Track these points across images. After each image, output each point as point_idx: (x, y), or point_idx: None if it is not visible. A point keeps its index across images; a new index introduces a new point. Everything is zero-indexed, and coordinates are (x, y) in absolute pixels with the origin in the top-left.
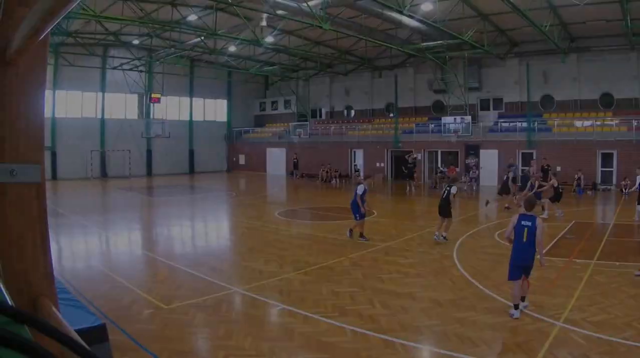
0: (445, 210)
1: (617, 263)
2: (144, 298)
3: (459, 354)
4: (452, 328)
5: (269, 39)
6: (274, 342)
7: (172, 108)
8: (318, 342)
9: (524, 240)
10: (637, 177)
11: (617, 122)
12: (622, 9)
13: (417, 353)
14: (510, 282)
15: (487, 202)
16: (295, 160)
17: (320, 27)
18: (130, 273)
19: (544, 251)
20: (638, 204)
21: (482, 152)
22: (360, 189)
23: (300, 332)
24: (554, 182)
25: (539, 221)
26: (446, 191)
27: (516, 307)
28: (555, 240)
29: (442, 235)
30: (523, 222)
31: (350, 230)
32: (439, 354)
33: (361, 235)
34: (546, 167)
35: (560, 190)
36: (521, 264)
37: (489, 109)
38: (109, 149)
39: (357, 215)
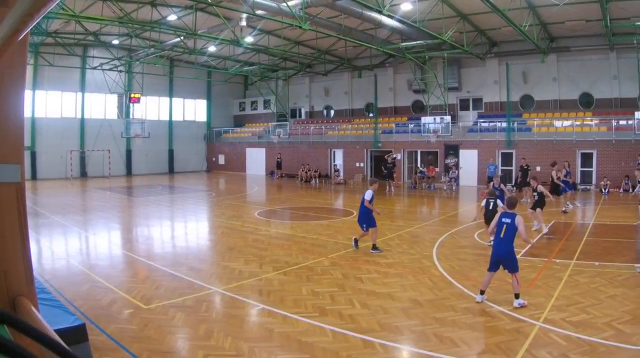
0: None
1: (597, 263)
2: (123, 298)
3: (439, 354)
4: (432, 328)
5: (249, 39)
6: (253, 342)
7: (152, 108)
8: (298, 342)
9: (502, 236)
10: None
11: (596, 122)
12: (601, 9)
13: (397, 353)
14: (487, 272)
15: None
16: (279, 159)
17: (300, 27)
18: (110, 273)
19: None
20: None
21: (461, 152)
22: (368, 195)
23: (280, 332)
24: (536, 186)
25: (518, 218)
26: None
27: (482, 292)
28: (534, 240)
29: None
30: (503, 219)
31: (356, 240)
32: (419, 354)
33: (374, 247)
34: (525, 167)
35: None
36: (496, 259)
37: (468, 109)
38: (89, 149)
39: (365, 225)
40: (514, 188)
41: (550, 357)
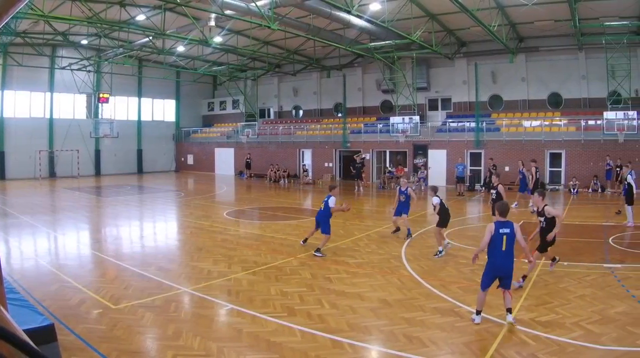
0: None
1: (565, 263)
2: (92, 298)
3: (408, 354)
4: (401, 328)
5: (217, 39)
6: (222, 342)
7: (121, 108)
8: (267, 342)
9: (503, 248)
10: (628, 176)
11: (565, 122)
12: (570, 9)
13: (366, 353)
14: (481, 291)
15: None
16: (248, 160)
17: (269, 27)
18: (79, 273)
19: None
20: (627, 204)
21: (430, 152)
22: (332, 202)
23: (249, 332)
24: (497, 183)
25: (516, 226)
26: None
27: (478, 312)
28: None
29: None
30: (501, 230)
31: (306, 239)
32: (388, 354)
33: (318, 250)
34: (491, 168)
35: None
36: (499, 274)
37: (437, 109)
38: (58, 149)
39: (321, 228)
40: (483, 188)
41: (519, 357)
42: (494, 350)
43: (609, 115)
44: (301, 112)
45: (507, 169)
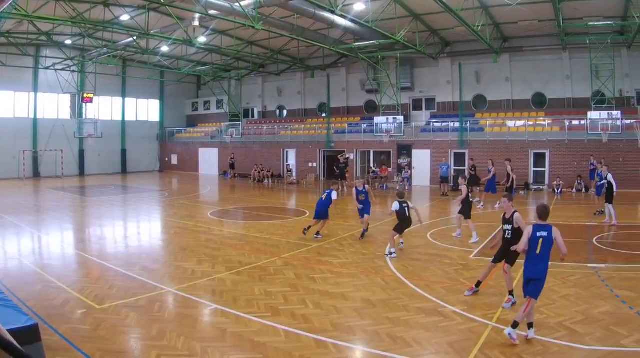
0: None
1: (549, 263)
2: (76, 298)
3: (392, 354)
4: (385, 328)
5: (202, 39)
6: (206, 342)
7: (105, 108)
8: (251, 342)
9: (537, 252)
10: (609, 175)
11: (549, 122)
12: (554, 9)
13: (350, 353)
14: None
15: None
16: (232, 160)
17: (253, 27)
18: (63, 273)
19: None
20: (608, 203)
21: (414, 152)
22: (335, 195)
23: (233, 332)
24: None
25: (555, 231)
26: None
27: (530, 325)
28: (487, 240)
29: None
30: (538, 233)
31: (309, 228)
32: (372, 354)
33: (318, 233)
34: (471, 170)
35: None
36: (529, 277)
37: (421, 109)
38: (42, 149)
39: (320, 218)
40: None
41: (504, 357)
42: (478, 350)
43: (593, 115)
44: (285, 112)
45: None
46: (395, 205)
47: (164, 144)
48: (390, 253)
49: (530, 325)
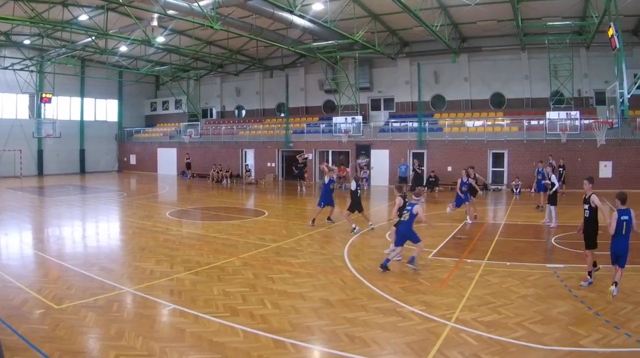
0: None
1: (508, 263)
2: (35, 298)
3: (350, 354)
4: (343, 328)
5: (160, 39)
6: (165, 342)
7: (63, 108)
8: (209, 342)
9: (623, 233)
10: (552, 176)
11: (508, 122)
12: (512, 9)
13: (308, 353)
14: (612, 266)
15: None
16: (188, 160)
17: (211, 27)
18: (22, 273)
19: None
20: (550, 204)
21: (373, 152)
22: (326, 179)
23: (192, 332)
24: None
25: (633, 213)
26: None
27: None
28: (446, 240)
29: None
30: (622, 217)
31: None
32: (330, 354)
33: (329, 218)
34: (418, 171)
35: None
36: (619, 253)
37: (380, 109)
38: (0, 149)
39: (322, 203)
40: (426, 188)
41: (462, 357)
42: (436, 350)
43: (551, 115)
44: (244, 112)
45: (449, 169)
46: (353, 185)
47: (122, 144)
48: (353, 230)
49: (615, 283)
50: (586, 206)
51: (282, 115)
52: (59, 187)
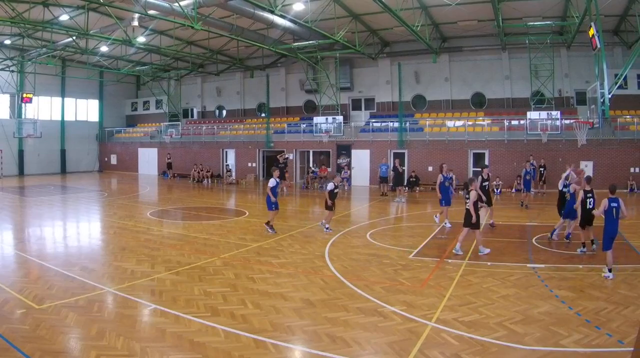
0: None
1: (489, 263)
2: (15, 298)
3: (331, 354)
4: (324, 328)
5: (141, 39)
6: (146, 342)
7: (44, 108)
8: (190, 342)
9: (614, 217)
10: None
11: (488, 122)
12: (493, 9)
13: (289, 353)
14: (607, 252)
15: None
16: (169, 160)
17: (192, 27)
18: (2, 273)
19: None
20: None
21: (353, 152)
22: (330, 186)
23: (172, 332)
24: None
25: (621, 201)
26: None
27: (610, 270)
28: (426, 240)
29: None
30: (612, 204)
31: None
32: (311, 354)
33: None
34: (400, 169)
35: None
36: (613, 236)
37: (360, 109)
38: None
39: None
40: (407, 188)
41: (443, 357)
42: (417, 350)
43: (532, 115)
44: (224, 112)
45: (430, 169)
46: (330, 185)
47: (103, 144)
48: (326, 228)
49: (610, 270)
50: (591, 199)
51: (263, 115)
52: (39, 187)
